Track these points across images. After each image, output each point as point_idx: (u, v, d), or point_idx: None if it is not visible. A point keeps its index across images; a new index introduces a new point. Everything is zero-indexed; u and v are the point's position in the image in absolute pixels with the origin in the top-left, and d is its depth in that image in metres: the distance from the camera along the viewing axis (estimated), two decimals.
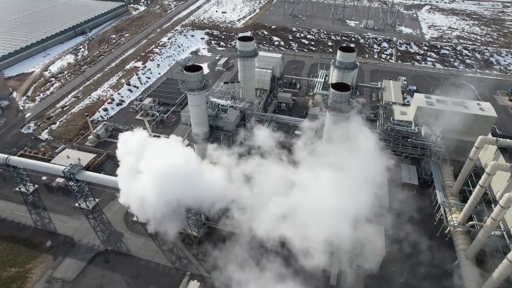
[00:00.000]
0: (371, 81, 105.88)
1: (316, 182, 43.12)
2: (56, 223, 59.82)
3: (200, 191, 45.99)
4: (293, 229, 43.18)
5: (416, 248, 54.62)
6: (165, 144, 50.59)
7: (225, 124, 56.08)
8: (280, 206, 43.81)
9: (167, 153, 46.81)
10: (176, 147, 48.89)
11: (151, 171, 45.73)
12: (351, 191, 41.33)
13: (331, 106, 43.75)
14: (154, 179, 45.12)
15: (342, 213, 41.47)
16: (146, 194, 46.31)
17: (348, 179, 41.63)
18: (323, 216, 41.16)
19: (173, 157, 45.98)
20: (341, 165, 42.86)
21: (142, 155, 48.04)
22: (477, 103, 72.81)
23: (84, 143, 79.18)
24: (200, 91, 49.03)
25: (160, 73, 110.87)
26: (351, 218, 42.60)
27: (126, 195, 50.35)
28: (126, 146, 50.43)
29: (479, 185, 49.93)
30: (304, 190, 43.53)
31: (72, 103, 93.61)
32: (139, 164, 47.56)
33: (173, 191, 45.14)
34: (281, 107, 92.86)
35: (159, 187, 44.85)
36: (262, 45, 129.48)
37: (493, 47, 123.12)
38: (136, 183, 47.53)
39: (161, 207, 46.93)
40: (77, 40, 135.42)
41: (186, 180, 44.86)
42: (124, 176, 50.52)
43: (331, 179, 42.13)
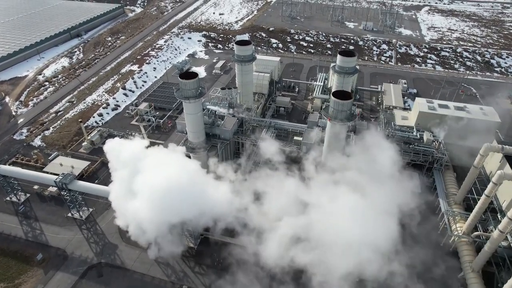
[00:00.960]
0: (371, 84, 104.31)
1: (336, 206, 41.21)
2: (48, 235, 57.82)
3: (208, 210, 44.07)
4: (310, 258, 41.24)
5: (419, 258, 52.89)
6: (166, 156, 47.77)
7: (222, 132, 54.31)
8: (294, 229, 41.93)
9: (170, 168, 43.83)
10: (179, 160, 46.22)
11: (152, 190, 42.63)
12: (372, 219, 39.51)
13: (332, 114, 42.02)
14: (155, 199, 42.22)
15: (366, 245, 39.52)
16: (145, 216, 43.55)
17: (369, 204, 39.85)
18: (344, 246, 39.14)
19: (177, 173, 42.87)
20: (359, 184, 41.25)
21: (139, 170, 45.21)
22: (480, 108, 71.30)
23: (78, 149, 77.20)
24: (195, 99, 47.22)
25: (157, 77, 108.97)
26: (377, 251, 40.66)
27: (123, 216, 47.85)
28: (117, 157, 48.20)
29: (485, 195, 48.30)
30: (320, 213, 41.62)
31: (66, 108, 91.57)
32: (137, 181, 44.60)
33: (179, 212, 42.74)
34: (279, 111, 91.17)
35: (162, 208, 42.14)
36: (260, 48, 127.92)
37: (494, 49, 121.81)
38: (133, 204, 44.67)
39: (164, 229, 44.67)
40: (72, 43, 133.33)
41: (193, 200, 42.47)
42: (118, 195, 47.67)
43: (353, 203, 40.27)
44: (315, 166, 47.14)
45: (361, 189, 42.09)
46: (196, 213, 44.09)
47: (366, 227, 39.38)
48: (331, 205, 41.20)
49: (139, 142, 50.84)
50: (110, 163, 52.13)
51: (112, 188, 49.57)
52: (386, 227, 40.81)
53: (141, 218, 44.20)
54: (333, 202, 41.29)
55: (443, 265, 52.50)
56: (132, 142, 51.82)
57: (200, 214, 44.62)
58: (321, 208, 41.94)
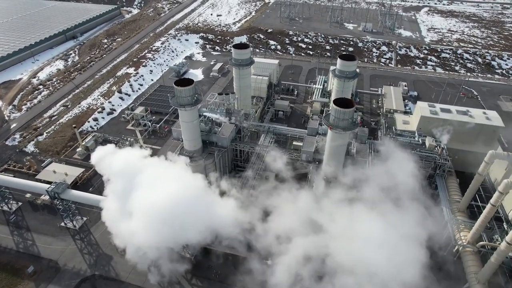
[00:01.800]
0: (371, 87, 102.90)
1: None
2: (40, 246, 56.04)
3: (216, 231, 42.44)
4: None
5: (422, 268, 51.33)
6: (166, 170, 45.04)
7: (220, 140, 52.66)
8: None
9: (172, 186, 40.92)
10: (181, 175, 43.56)
11: (153, 212, 40.03)
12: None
13: (333, 123, 40.44)
14: (156, 224, 39.77)
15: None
16: (145, 241, 41.03)
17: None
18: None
19: (182, 193, 40.12)
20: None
21: (135, 187, 42.36)
22: (483, 112, 69.96)
23: (72, 155, 75.40)
24: (191, 106, 45.55)
25: (153, 80, 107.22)
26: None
27: (119, 237, 45.26)
28: (108, 170, 46.28)
29: (491, 204, 46.76)
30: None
31: (61, 112, 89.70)
32: (134, 201, 41.77)
33: (185, 237, 41.13)
34: (278, 115, 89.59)
35: (164, 232, 39.97)
36: (258, 49, 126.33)
37: (494, 51, 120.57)
38: (130, 226, 42.05)
39: (166, 252, 42.64)
40: (67, 45, 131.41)
41: (200, 223, 40.55)
42: (113, 214, 45.24)
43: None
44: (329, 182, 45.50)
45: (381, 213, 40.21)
46: (203, 236, 42.36)
47: (391, 257, 37.29)
48: (350, 228, 39.25)
49: (133, 152, 48.70)
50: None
51: (105, 207, 47.08)
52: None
53: (140, 242, 41.80)
54: (353, 225, 39.39)
55: (447, 275, 51.00)
56: (125, 152, 49.50)
57: (206, 237, 42.95)
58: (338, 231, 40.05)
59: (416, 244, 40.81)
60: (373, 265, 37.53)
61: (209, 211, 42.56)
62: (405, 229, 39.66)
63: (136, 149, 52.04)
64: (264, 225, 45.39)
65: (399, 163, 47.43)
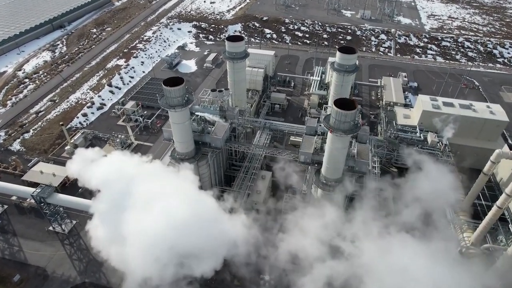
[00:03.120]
0: (370, 78, 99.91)
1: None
2: (26, 252, 53.63)
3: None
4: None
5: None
6: (167, 184, 40.47)
7: (213, 141, 49.85)
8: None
9: (177, 206, 36.84)
10: (188, 194, 39.44)
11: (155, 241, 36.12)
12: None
13: (334, 126, 37.79)
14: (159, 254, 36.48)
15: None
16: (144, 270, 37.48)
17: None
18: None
19: (191, 216, 36.12)
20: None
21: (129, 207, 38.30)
22: (487, 106, 67.55)
23: (60, 154, 72.35)
24: (182, 107, 42.56)
25: (144, 72, 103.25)
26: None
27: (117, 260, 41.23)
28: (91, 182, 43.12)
29: (497, 206, 44.80)
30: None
31: (48, 107, 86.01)
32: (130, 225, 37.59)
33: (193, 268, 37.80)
34: (274, 108, 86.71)
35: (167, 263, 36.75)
36: (253, 39, 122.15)
37: (496, 38, 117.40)
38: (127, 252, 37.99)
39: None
40: (55, 34, 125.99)
41: (211, 251, 37.66)
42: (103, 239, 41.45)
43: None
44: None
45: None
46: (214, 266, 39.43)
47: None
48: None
49: (122, 160, 45.07)
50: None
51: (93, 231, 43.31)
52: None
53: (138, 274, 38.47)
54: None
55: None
56: (111, 160, 45.52)
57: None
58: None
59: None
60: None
61: (222, 235, 39.26)
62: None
63: (125, 155, 48.42)
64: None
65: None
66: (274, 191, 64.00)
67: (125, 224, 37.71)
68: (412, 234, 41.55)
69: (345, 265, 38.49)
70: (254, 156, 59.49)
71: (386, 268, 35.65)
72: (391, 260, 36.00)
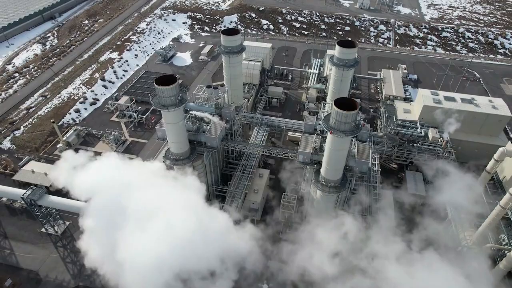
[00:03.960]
0: (369, 70, 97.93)
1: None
2: (18, 255, 52.27)
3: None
4: None
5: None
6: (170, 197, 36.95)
7: (209, 140, 48.16)
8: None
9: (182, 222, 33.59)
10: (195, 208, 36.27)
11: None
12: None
13: (334, 127, 36.17)
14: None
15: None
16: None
17: None
18: None
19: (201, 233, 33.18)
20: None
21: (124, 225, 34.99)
22: (489, 100, 66.04)
23: (52, 152, 70.44)
24: (175, 107, 40.72)
25: (138, 65, 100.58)
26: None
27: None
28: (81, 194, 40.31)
29: (501, 206, 43.80)
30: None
31: (39, 103, 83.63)
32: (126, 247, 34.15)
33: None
34: (272, 103, 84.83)
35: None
36: (250, 29, 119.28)
37: (497, 29, 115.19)
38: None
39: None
40: (45, 26, 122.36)
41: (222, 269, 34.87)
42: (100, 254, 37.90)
43: None
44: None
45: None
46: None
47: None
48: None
49: (113, 165, 42.05)
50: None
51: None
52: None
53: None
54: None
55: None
56: (102, 166, 42.41)
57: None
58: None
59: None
60: None
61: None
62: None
63: (118, 158, 45.69)
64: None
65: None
66: (272, 188, 62.95)
67: (122, 245, 34.40)
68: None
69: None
70: (251, 154, 57.96)
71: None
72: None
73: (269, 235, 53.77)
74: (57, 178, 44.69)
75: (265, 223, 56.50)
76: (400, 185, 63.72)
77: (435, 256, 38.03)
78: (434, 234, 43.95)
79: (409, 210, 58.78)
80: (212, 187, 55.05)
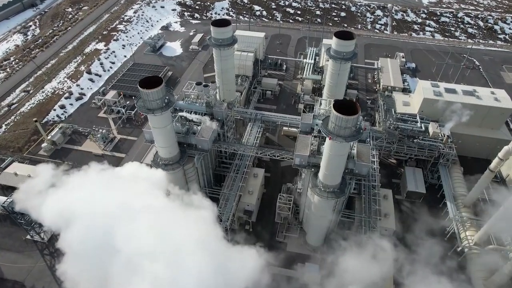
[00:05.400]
0: (366, 58, 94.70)
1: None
2: (2, 265, 49.84)
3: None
4: None
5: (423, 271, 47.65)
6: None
7: (199, 142, 45.37)
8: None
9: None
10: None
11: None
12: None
13: (334, 132, 33.58)
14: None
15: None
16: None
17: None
18: None
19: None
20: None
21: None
22: (491, 92, 63.68)
23: (37, 152, 67.20)
24: (162, 111, 37.70)
25: (126, 56, 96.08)
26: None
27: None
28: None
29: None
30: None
31: (21, 99, 79.54)
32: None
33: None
34: (266, 95, 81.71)
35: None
36: (242, 16, 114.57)
37: (497, 13, 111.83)
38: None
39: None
40: (26, 14, 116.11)
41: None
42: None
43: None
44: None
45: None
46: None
47: None
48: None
49: (101, 185, 34.74)
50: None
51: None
52: None
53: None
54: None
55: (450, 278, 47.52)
56: (84, 186, 35.26)
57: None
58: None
59: None
60: None
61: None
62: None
63: (101, 174, 39.28)
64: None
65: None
66: (268, 188, 60.85)
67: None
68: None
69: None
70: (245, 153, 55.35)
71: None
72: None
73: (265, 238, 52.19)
74: (23, 203, 38.25)
75: (261, 225, 54.86)
76: (399, 181, 62.17)
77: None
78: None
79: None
80: (205, 189, 52.56)
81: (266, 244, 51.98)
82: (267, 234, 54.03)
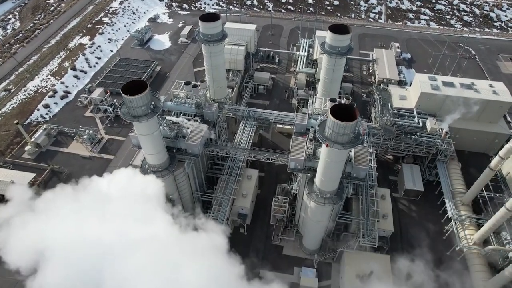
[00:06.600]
0: (360, 49, 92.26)
1: None
2: None
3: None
4: None
5: (422, 271, 46.78)
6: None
7: (189, 147, 43.16)
8: None
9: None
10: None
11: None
12: None
13: (331, 138, 31.64)
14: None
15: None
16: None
17: None
18: None
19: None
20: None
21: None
22: (490, 85, 62.03)
23: (21, 155, 64.33)
24: (147, 118, 35.32)
25: (113, 51, 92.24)
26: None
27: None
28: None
29: (507, 208, 40.95)
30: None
31: (2, 99, 75.98)
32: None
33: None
34: (258, 90, 79.20)
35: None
36: (232, 6, 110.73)
37: (493, 0, 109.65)
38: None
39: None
40: (5, 6, 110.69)
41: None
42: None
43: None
44: None
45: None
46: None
47: None
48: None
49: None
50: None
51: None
52: None
53: None
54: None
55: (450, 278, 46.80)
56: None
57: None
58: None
59: None
60: None
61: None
62: None
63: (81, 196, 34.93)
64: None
65: None
66: (262, 188, 59.17)
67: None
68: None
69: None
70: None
71: None
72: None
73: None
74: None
75: (256, 228, 53.41)
76: (396, 178, 60.91)
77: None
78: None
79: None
80: (197, 194, 50.63)
81: (262, 248, 50.67)
82: (263, 237, 52.64)
